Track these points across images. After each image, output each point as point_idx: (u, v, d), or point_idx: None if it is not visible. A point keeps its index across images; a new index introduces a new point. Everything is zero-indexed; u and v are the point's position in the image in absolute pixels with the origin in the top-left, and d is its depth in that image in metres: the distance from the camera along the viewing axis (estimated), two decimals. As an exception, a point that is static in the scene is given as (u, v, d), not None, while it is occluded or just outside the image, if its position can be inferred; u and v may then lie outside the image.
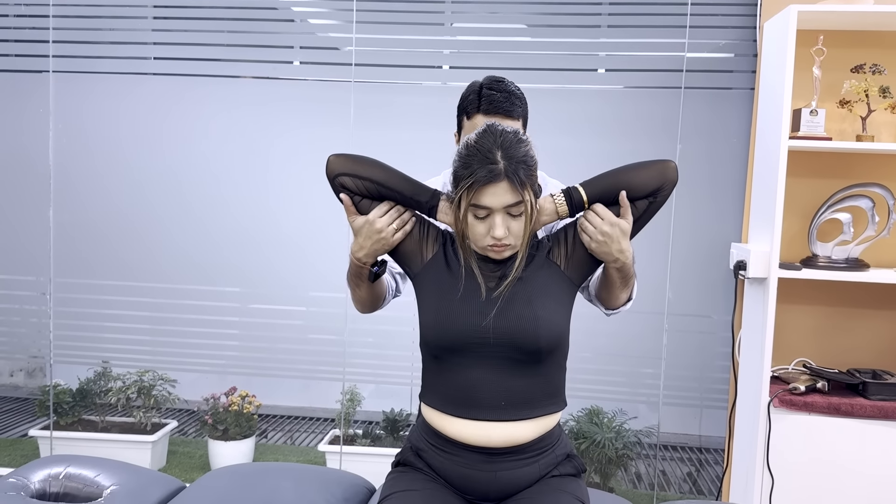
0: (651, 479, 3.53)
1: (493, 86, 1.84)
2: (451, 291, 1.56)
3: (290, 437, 4.24)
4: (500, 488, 1.58)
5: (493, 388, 1.53)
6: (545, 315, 1.53)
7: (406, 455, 1.67)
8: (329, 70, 3.41)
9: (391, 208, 1.60)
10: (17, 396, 4.47)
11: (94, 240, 3.58)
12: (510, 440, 1.55)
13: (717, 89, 3.08)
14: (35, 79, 3.50)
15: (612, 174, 1.60)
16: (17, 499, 1.83)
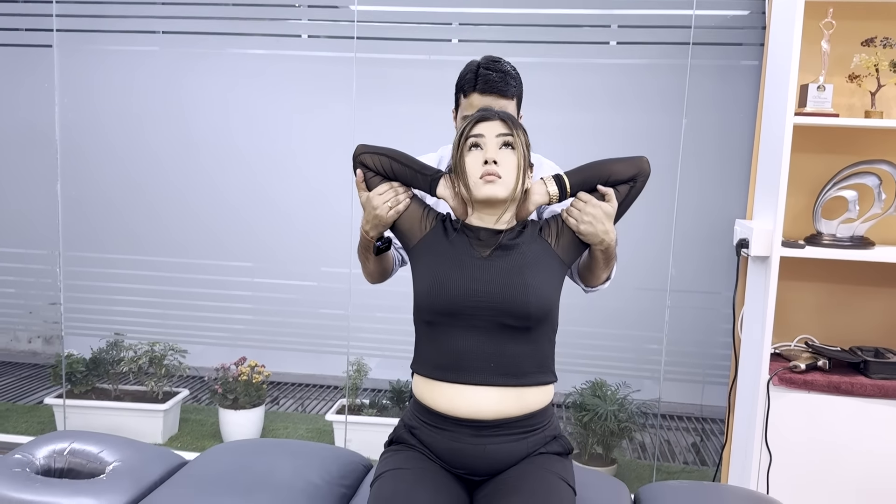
0: (653, 449, 3.56)
1: (489, 66, 1.89)
2: (446, 260, 1.64)
3: (301, 404, 4.32)
4: (488, 464, 1.62)
5: (483, 352, 1.58)
6: (535, 283, 1.59)
7: (399, 433, 1.71)
8: (333, 43, 3.40)
9: (389, 188, 1.70)
10: (34, 363, 4.57)
11: (103, 214, 3.62)
12: (498, 410, 1.59)
13: (725, 63, 3.03)
14: (40, 53, 3.51)
15: (592, 164, 1.71)
16: (23, 475, 1.88)
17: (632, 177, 1.69)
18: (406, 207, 1.71)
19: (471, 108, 1.86)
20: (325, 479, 1.94)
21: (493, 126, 1.63)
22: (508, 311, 1.57)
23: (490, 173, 1.60)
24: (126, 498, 1.84)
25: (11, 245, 3.70)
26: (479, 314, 1.58)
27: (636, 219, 3.16)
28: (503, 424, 1.60)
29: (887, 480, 2.55)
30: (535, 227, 1.69)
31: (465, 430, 1.61)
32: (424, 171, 1.72)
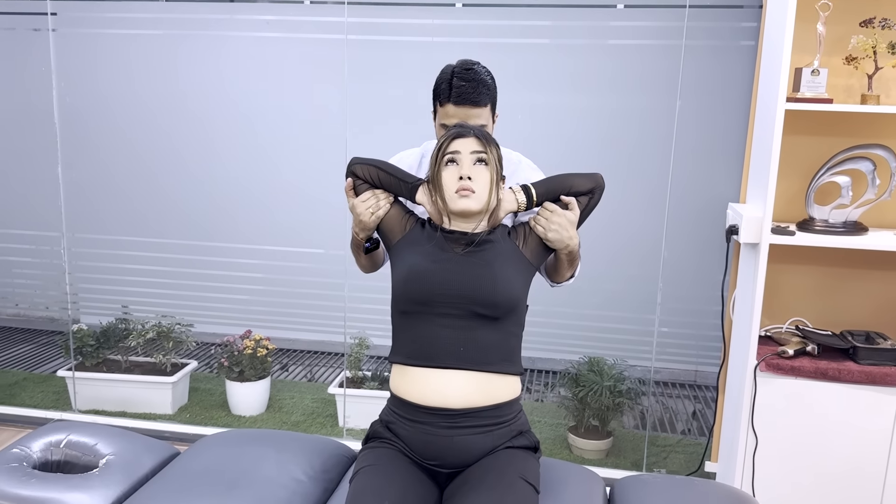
0: (651, 420, 3.62)
1: (463, 75, 1.95)
2: (422, 255, 1.79)
3: (309, 371, 4.41)
4: (457, 454, 1.73)
5: (453, 338, 1.73)
6: (503, 276, 1.75)
7: (376, 428, 1.83)
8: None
9: (371, 196, 1.88)
10: (52, 330, 4.70)
11: (104, 195, 3.70)
12: (465, 396, 1.71)
13: (721, 43, 2.97)
14: (36, 37, 3.54)
15: (556, 177, 1.89)
16: (20, 469, 1.97)
17: (590, 190, 1.86)
18: (385, 213, 1.88)
19: (446, 117, 1.96)
20: (308, 473, 2.01)
21: (468, 143, 1.77)
22: (477, 300, 1.72)
23: (464, 188, 1.74)
24: (117, 493, 1.93)
25: (17, 227, 3.79)
26: (450, 303, 1.72)
27: (629, 202, 3.19)
28: (471, 414, 1.71)
29: (871, 466, 2.57)
30: (504, 230, 1.84)
31: (436, 421, 1.72)
32: (406, 179, 1.88)
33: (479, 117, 1.94)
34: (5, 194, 3.98)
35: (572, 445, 3.47)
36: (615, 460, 3.38)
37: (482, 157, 1.77)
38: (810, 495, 2.63)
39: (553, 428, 3.67)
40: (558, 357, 3.69)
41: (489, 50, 3.14)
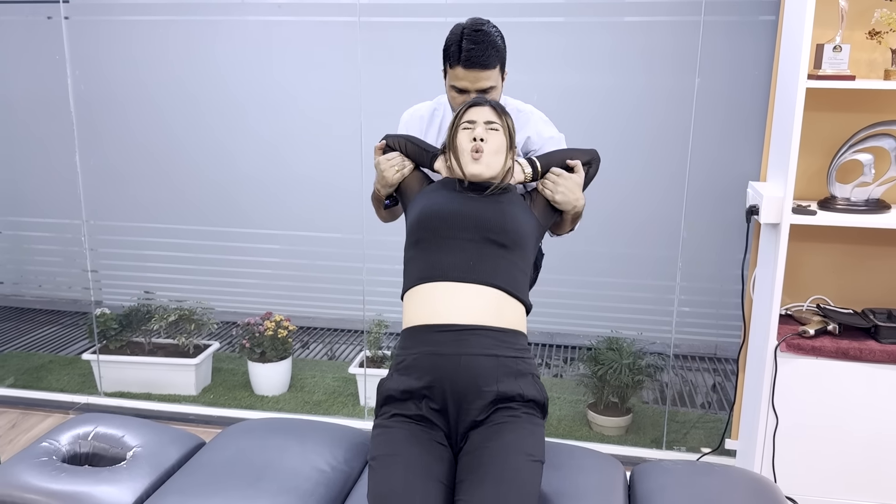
0: (665, 397, 3.63)
1: (472, 37, 2.00)
2: (438, 196, 1.94)
3: (330, 349, 4.45)
4: (464, 377, 1.73)
5: (465, 257, 1.82)
6: (513, 214, 1.89)
7: (388, 387, 1.82)
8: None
9: (398, 156, 2.08)
10: (75, 311, 4.77)
11: (122, 182, 3.72)
12: (473, 311, 1.77)
13: (740, 19, 2.91)
14: (49, 25, 3.54)
15: (556, 151, 2.09)
16: (50, 464, 2.01)
17: (587, 162, 2.06)
18: (410, 172, 2.08)
19: (456, 79, 2.05)
20: (331, 463, 2.03)
21: (483, 112, 1.93)
22: (488, 226, 1.83)
23: (478, 149, 1.89)
24: (144, 485, 1.96)
25: (38, 215, 3.83)
26: (463, 227, 1.84)
27: (647, 181, 3.16)
28: (478, 331, 1.75)
29: (894, 446, 2.57)
30: (516, 191, 1.99)
31: (444, 340, 1.76)
32: (428, 149, 2.07)
33: (488, 79, 2.04)
34: (25, 183, 4.02)
35: (591, 422, 3.48)
36: (634, 437, 3.40)
37: (495, 126, 1.92)
38: (831, 475, 2.64)
39: (572, 405, 3.69)
40: (578, 332, 3.70)
41: (503, 28, 3.09)
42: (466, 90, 2.06)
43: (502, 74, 2.11)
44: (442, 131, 2.21)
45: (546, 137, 2.20)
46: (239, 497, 1.86)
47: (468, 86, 2.05)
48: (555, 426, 3.49)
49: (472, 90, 2.05)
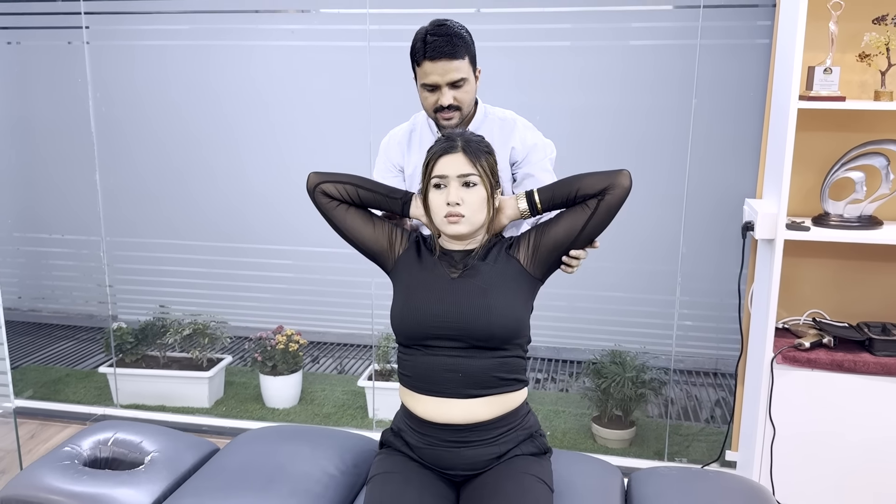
0: (671, 410, 3.69)
1: (435, 31, 1.94)
2: (418, 284, 1.79)
3: (339, 364, 4.54)
4: (465, 464, 1.78)
5: (451, 367, 1.74)
6: (498, 304, 1.73)
7: (388, 437, 1.91)
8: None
9: None
10: (90, 326, 4.88)
11: (139, 201, 3.86)
12: (469, 417, 1.75)
13: (736, 42, 3.02)
14: (70, 50, 3.69)
15: (563, 181, 1.81)
16: (72, 468, 2.10)
17: (600, 191, 1.75)
18: (385, 231, 1.87)
19: (425, 76, 1.97)
20: (340, 468, 2.12)
21: (455, 162, 1.72)
22: (473, 333, 1.72)
23: (453, 214, 1.72)
24: (161, 488, 2.06)
25: (58, 232, 3.96)
26: (446, 335, 1.74)
27: (647, 198, 3.25)
28: (475, 428, 1.76)
29: (889, 457, 2.63)
30: (503, 246, 1.81)
31: (442, 435, 1.78)
32: (393, 194, 1.86)
33: (458, 70, 1.94)
34: (47, 201, 4.16)
35: (596, 435, 3.55)
36: (638, 450, 3.47)
37: (469, 179, 1.72)
38: (828, 485, 2.70)
39: (577, 418, 3.76)
40: (583, 347, 3.78)
41: (510, 53, 3.22)
42: (437, 85, 1.97)
43: (474, 70, 2.02)
44: (422, 151, 2.00)
45: (530, 145, 2.09)
46: (252, 499, 1.95)
47: (438, 80, 1.96)
48: (560, 439, 3.56)
49: (442, 84, 1.96)
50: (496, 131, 2.10)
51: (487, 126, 2.11)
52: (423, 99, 2.05)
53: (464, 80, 1.98)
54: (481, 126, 2.10)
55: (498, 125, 2.10)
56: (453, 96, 2.00)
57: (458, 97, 2.01)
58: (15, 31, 3.93)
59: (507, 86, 3.30)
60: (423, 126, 2.17)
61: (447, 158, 1.73)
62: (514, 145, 2.10)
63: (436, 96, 2.00)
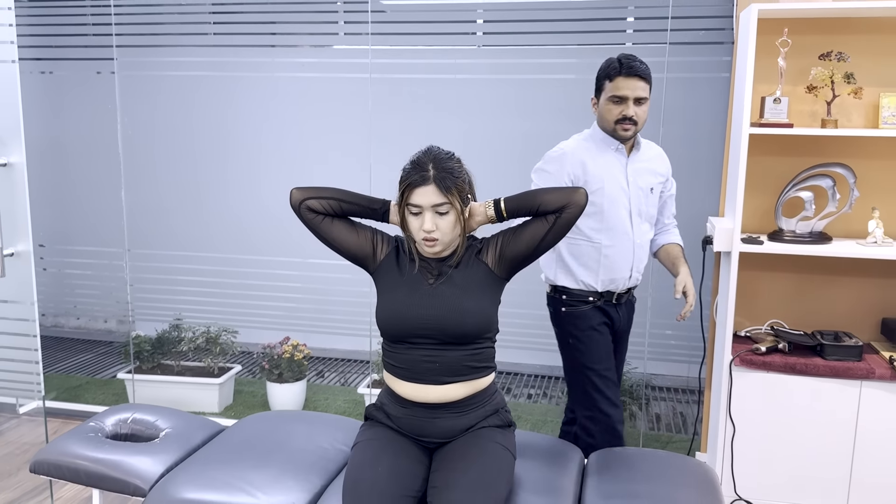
0: (643, 419, 3.92)
1: (631, 57, 2.48)
2: (400, 289, 2.04)
3: (343, 377, 4.80)
4: (439, 432, 2.05)
5: (430, 359, 2.01)
6: (470, 308, 2.00)
7: (371, 411, 2.17)
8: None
9: None
10: (109, 341, 5.18)
11: (161, 216, 4.20)
12: (443, 397, 2.03)
13: (699, 77, 3.34)
14: (99, 79, 4.07)
15: (527, 193, 2.04)
16: (96, 439, 2.38)
17: (558, 208, 1.98)
18: (367, 236, 2.09)
19: (616, 89, 2.47)
20: (331, 443, 2.39)
21: (427, 194, 1.92)
22: (448, 332, 1.98)
23: (429, 240, 1.97)
24: (174, 458, 2.33)
25: (85, 244, 4.29)
26: (425, 334, 2.00)
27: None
28: (449, 405, 2.04)
29: (838, 450, 2.87)
30: (473, 251, 2.06)
31: (420, 410, 2.05)
32: (373, 205, 2.07)
33: (644, 90, 2.45)
34: (76, 215, 4.50)
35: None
36: (617, 453, 3.69)
37: (443, 208, 1.93)
38: (784, 477, 2.93)
39: (563, 426, 3.99)
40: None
41: (502, 85, 3.54)
42: (625, 98, 2.47)
43: (650, 91, 2.51)
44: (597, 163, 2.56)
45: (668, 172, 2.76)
46: (252, 467, 2.22)
47: (628, 94, 2.46)
48: (544, 443, 3.79)
49: (630, 98, 2.46)
50: (661, 155, 2.73)
51: (655, 150, 2.72)
52: (606, 111, 2.53)
53: (645, 101, 2.48)
54: (651, 148, 2.71)
55: (658, 155, 2.70)
56: (635, 111, 2.48)
57: (639, 113, 2.50)
58: (48, 62, 4.31)
59: (502, 113, 3.62)
60: (593, 140, 2.61)
61: (421, 190, 1.92)
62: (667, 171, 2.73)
63: (620, 108, 2.48)
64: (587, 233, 2.60)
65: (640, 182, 2.63)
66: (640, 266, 2.70)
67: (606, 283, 2.65)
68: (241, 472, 2.18)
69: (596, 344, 2.66)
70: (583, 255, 2.63)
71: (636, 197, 2.62)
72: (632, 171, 2.62)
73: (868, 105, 2.95)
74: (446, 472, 1.94)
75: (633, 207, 2.61)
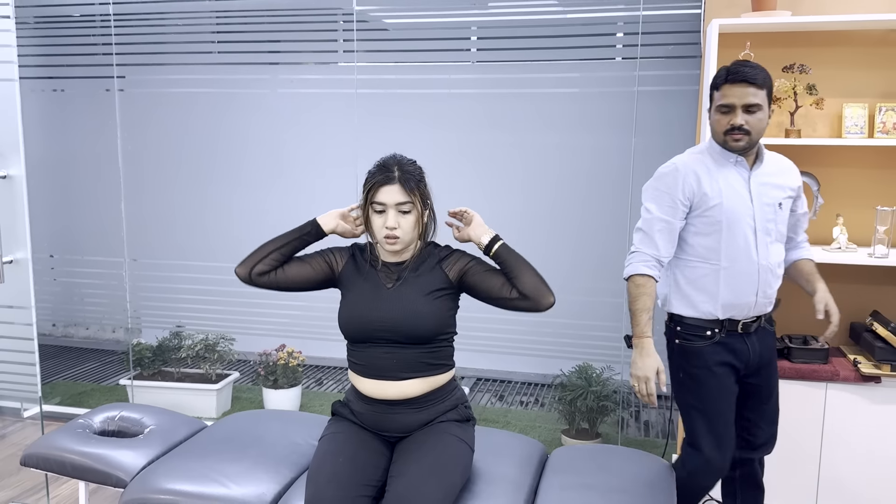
0: (627, 422, 4.00)
1: (738, 63, 2.27)
2: (359, 293, 2.15)
3: (340, 385, 4.92)
4: (399, 426, 2.16)
5: (388, 358, 2.12)
6: (426, 311, 2.10)
7: (337, 407, 2.29)
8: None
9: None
10: (115, 350, 5.35)
11: (160, 227, 4.37)
12: (402, 394, 2.13)
13: (669, 90, 3.47)
14: (105, 95, 4.26)
15: (520, 259, 2.11)
16: (84, 434, 2.52)
17: (526, 295, 2.06)
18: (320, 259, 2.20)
19: (723, 98, 2.24)
20: (304, 438, 2.51)
21: (392, 193, 2.04)
22: (405, 333, 2.08)
23: (390, 237, 2.07)
24: (156, 452, 2.46)
25: (88, 254, 4.47)
26: (383, 336, 2.10)
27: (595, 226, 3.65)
28: (408, 402, 2.14)
29: (806, 448, 2.94)
30: (435, 258, 2.15)
31: (380, 406, 2.16)
32: (303, 231, 2.19)
33: (754, 97, 2.19)
34: (78, 226, 4.69)
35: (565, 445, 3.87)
36: (599, 457, 3.77)
37: (406, 208, 2.05)
38: (751, 478, 3.00)
39: (550, 431, 4.08)
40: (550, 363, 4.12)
41: (498, 99, 3.70)
42: (733, 107, 2.22)
43: (769, 104, 2.25)
44: (713, 179, 2.31)
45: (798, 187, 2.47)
46: (227, 460, 2.34)
47: (735, 101, 2.21)
48: (528, 447, 3.88)
49: (738, 106, 2.20)
50: (789, 169, 2.44)
51: (783, 163, 2.44)
52: (715, 122, 2.30)
53: (758, 107, 2.22)
54: (777, 160, 2.43)
55: (785, 164, 2.44)
56: (745, 120, 2.22)
57: (750, 122, 2.23)
58: (59, 81, 4.51)
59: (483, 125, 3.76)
60: (710, 154, 2.36)
61: (386, 188, 2.04)
62: (796, 185, 2.45)
63: (728, 118, 2.24)
64: (703, 253, 2.35)
65: (766, 197, 2.35)
66: (767, 290, 2.39)
67: (728, 309, 2.36)
68: (216, 465, 2.30)
69: (707, 387, 2.39)
70: (700, 277, 2.37)
71: (761, 213, 2.34)
72: (756, 185, 2.35)
73: (832, 115, 3.05)
74: (402, 463, 2.05)
75: (759, 225, 2.33)
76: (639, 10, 3.40)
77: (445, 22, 3.79)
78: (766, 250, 2.35)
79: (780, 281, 2.44)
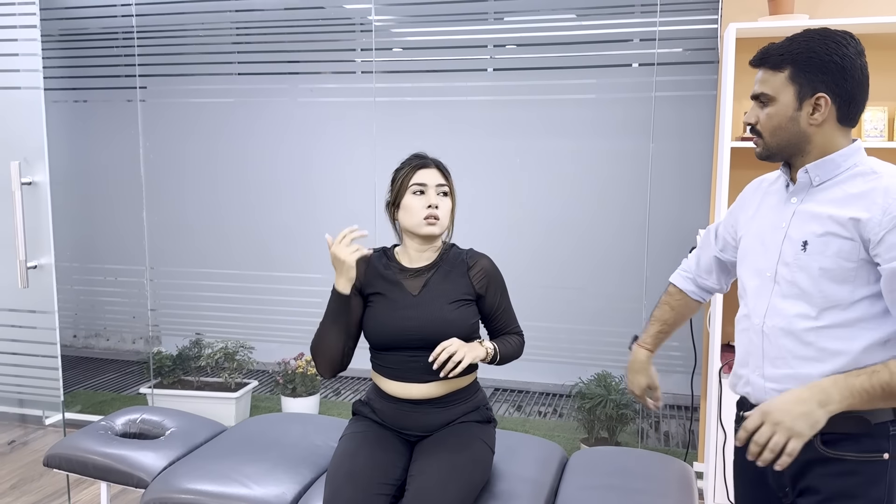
0: (647, 432, 3.97)
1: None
2: (385, 303, 2.15)
3: (358, 394, 4.93)
4: (420, 425, 2.17)
5: (414, 362, 2.12)
6: (453, 317, 2.11)
7: (358, 406, 2.29)
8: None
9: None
10: (137, 360, 5.39)
11: (180, 236, 4.41)
12: (425, 395, 2.14)
13: (687, 95, 3.48)
14: (126, 106, 4.33)
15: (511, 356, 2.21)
16: (106, 436, 2.54)
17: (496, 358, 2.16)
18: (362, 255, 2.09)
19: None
20: (324, 440, 2.52)
21: (432, 175, 2.12)
22: (432, 339, 2.07)
23: (432, 216, 2.09)
24: (177, 453, 2.47)
25: (109, 262, 4.52)
26: (410, 341, 2.11)
27: (614, 229, 3.66)
28: (430, 401, 2.15)
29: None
30: (462, 266, 2.16)
31: (402, 404, 2.17)
32: (336, 301, 2.09)
33: (763, 83, 1.56)
34: (99, 235, 4.74)
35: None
36: (618, 465, 3.75)
37: (445, 189, 2.13)
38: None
39: (569, 441, 4.06)
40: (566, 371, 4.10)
41: (515, 106, 3.74)
42: (752, 99, 1.61)
43: (802, 94, 1.52)
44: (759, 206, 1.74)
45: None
46: (248, 461, 2.35)
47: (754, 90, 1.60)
48: (547, 455, 3.86)
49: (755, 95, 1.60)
50: (873, 191, 1.51)
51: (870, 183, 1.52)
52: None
53: (767, 98, 1.55)
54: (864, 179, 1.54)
55: (872, 185, 1.52)
56: (757, 115, 1.59)
57: (760, 118, 1.59)
58: (83, 92, 4.59)
59: (500, 133, 3.78)
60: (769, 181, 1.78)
61: (424, 171, 2.11)
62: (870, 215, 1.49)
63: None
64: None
65: (797, 231, 1.59)
66: (768, 370, 1.61)
67: (735, 382, 1.75)
68: (237, 466, 2.32)
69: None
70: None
71: (782, 253, 1.61)
72: (800, 213, 1.60)
73: (851, 119, 3.03)
74: (422, 462, 2.05)
75: (776, 269, 1.62)
76: (655, 25, 3.41)
77: (461, 39, 3.83)
78: (772, 307, 1.61)
79: (818, 364, 1.54)
